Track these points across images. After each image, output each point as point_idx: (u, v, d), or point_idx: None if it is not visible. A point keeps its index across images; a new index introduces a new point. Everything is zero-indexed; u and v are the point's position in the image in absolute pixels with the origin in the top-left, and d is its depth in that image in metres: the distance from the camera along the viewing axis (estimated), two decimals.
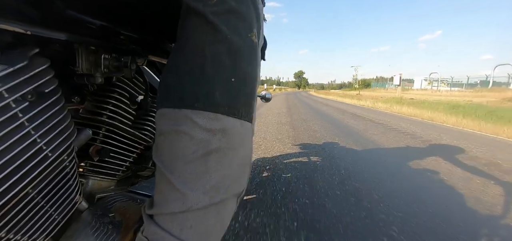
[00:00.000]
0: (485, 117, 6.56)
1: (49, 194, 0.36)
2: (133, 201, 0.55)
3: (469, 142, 3.31)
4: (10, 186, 0.29)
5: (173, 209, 0.33)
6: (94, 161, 0.52)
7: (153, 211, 0.34)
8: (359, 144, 2.85)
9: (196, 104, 0.32)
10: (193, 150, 0.32)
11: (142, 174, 0.72)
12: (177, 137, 0.33)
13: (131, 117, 0.59)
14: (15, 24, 0.29)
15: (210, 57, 0.33)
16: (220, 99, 0.33)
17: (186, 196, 0.32)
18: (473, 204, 1.47)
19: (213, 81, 0.33)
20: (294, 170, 1.87)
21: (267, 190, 1.49)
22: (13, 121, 0.29)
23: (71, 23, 0.39)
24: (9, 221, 0.31)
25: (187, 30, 0.34)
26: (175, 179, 0.32)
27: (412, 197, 1.49)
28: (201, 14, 0.33)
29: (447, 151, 2.79)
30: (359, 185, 1.62)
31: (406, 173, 1.96)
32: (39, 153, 0.32)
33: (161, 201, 0.34)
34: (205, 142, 0.32)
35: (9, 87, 0.29)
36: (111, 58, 0.47)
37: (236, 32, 0.34)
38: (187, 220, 0.33)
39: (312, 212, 1.25)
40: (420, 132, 3.99)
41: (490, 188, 1.74)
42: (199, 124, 0.32)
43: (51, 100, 0.34)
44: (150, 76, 0.75)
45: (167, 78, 0.36)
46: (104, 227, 0.46)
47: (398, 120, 5.67)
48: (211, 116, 0.32)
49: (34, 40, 0.33)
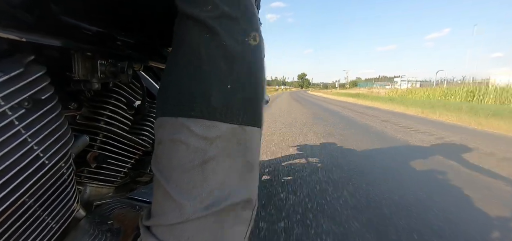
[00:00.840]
0: (399, 103, 11.78)
1: (46, 202, 0.36)
2: (132, 207, 0.54)
3: (380, 112, 7.33)
4: (6, 194, 0.29)
5: (170, 220, 0.32)
6: (92, 167, 0.51)
7: (150, 222, 0.34)
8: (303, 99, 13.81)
9: (193, 113, 0.32)
10: (190, 159, 0.32)
11: (141, 180, 0.72)
12: (174, 146, 0.32)
13: (129, 122, 0.59)
14: (10, 31, 0.29)
15: (206, 64, 0.32)
16: (217, 106, 0.32)
17: (183, 206, 0.31)
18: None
19: (209, 88, 0.32)
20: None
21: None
22: (10, 128, 0.29)
23: (67, 29, 0.39)
24: (6, 230, 0.31)
25: (183, 37, 0.34)
26: (171, 189, 0.32)
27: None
28: (196, 20, 0.33)
29: (356, 109, 7.59)
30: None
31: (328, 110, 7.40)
32: (36, 160, 0.32)
33: (158, 212, 0.33)
34: (202, 150, 0.32)
35: (5, 95, 0.29)
36: (108, 63, 0.47)
37: (231, 37, 0.34)
38: (185, 231, 0.32)
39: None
40: (341, 106, 9.38)
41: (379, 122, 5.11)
42: (196, 132, 0.32)
43: (47, 107, 0.34)
44: (147, 81, 0.75)
45: (164, 87, 0.35)
46: (102, 234, 0.45)
47: (338, 100, 14.15)
48: (207, 123, 0.32)
49: (29, 47, 0.33)
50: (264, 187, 1.71)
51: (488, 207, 1.55)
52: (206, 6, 0.32)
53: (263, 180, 1.84)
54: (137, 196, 0.61)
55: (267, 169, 2.07)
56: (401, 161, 2.44)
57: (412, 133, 4.08)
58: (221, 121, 0.32)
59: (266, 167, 2.14)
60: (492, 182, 2.00)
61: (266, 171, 2.03)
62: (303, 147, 2.87)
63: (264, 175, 1.95)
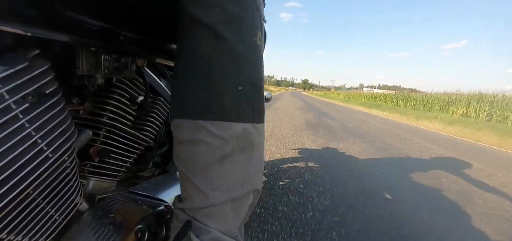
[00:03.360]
0: (341, 100, 27.15)
1: (50, 195, 0.36)
2: (134, 202, 0.55)
3: (331, 106, 16.93)
4: (11, 187, 0.29)
5: (197, 205, 0.38)
6: (95, 162, 0.52)
7: (182, 205, 0.40)
8: (297, 95, 36.05)
9: (209, 115, 0.35)
10: (210, 156, 0.37)
11: (143, 175, 0.72)
12: (195, 145, 0.37)
13: (132, 117, 0.59)
14: (15, 26, 0.29)
15: (216, 68, 0.35)
16: (230, 107, 0.36)
17: (208, 195, 0.37)
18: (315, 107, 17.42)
19: (222, 91, 0.36)
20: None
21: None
22: (14, 122, 0.29)
23: (71, 24, 0.39)
24: (9, 222, 0.31)
25: (192, 40, 0.36)
26: (197, 182, 0.38)
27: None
28: (205, 26, 0.34)
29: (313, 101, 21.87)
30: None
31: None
32: (40, 154, 0.32)
33: (187, 198, 0.40)
34: (220, 148, 0.36)
35: (9, 89, 0.29)
36: (111, 59, 0.47)
37: (240, 39, 0.36)
38: (209, 213, 0.38)
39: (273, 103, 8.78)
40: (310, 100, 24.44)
41: (326, 105, 17.66)
42: (213, 133, 0.36)
43: (51, 101, 0.34)
44: (150, 77, 0.75)
45: (178, 89, 0.39)
46: (105, 228, 0.46)
47: (311, 96, 34.36)
48: (223, 124, 0.36)
49: (34, 42, 0.33)
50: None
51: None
52: (214, 8, 0.34)
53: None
54: (139, 191, 0.62)
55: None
56: (310, 108, 11.98)
57: (323, 106, 14.49)
58: (234, 121, 0.36)
59: (279, 99, 10.44)
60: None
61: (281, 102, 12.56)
62: (290, 98, 17.15)
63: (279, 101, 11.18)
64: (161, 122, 0.70)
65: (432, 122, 9.14)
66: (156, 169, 0.75)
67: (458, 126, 8.11)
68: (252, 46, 0.38)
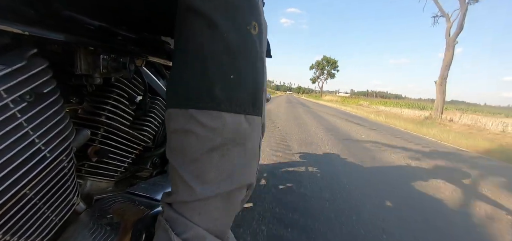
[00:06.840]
0: (315, 98, 52.15)
1: (47, 195, 0.36)
2: (131, 202, 0.55)
3: (307, 100, 34.49)
4: (7, 186, 0.29)
5: (183, 198, 0.37)
6: (93, 161, 0.52)
7: (169, 200, 0.39)
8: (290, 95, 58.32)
9: (200, 104, 0.34)
10: (198, 147, 0.35)
11: (141, 175, 0.72)
12: (184, 135, 0.35)
13: (130, 117, 0.59)
14: (13, 25, 0.29)
15: (209, 56, 0.34)
16: (221, 97, 0.34)
17: (194, 189, 0.36)
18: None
19: (214, 79, 0.34)
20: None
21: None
22: (12, 121, 0.29)
23: (69, 24, 0.39)
24: (6, 222, 0.31)
25: (186, 29, 0.35)
26: (185, 174, 0.36)
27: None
28: (199, 13, 0.33)
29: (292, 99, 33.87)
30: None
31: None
32: (38, 153, 0.32)
33: (175, 192, 0.38)
34: (210, 139, 0.35)
35: (7, 88, 0.29)
36: (110, 58, 0.47)
37: (233, 28, 0.35)
38: (196, 208, 0.36)
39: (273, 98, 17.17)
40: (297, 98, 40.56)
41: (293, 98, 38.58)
42: (203, 123, 0.34)
43: (49, 100, 0.34)
44: (149, 77, 0.75)
45: (172, 81, 0.37)
46: (102, 228, 0.45)
47: (299, 97, 56.67)
48: (214, 114, 0.34)
49: (32, 41, 0.33)
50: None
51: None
52: None
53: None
54: (137, 191, 0.61)
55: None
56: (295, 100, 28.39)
57: (303, 100, 31.33)
58: (226, 111, 0.35)
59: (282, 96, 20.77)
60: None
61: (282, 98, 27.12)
62: (284, 97, 31.02)
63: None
64: (159, 122, 0.70)
65: (349, 107, 19.83)
66: (154, 170, 0.74)
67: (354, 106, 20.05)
68: (247, 35, 0.37)
